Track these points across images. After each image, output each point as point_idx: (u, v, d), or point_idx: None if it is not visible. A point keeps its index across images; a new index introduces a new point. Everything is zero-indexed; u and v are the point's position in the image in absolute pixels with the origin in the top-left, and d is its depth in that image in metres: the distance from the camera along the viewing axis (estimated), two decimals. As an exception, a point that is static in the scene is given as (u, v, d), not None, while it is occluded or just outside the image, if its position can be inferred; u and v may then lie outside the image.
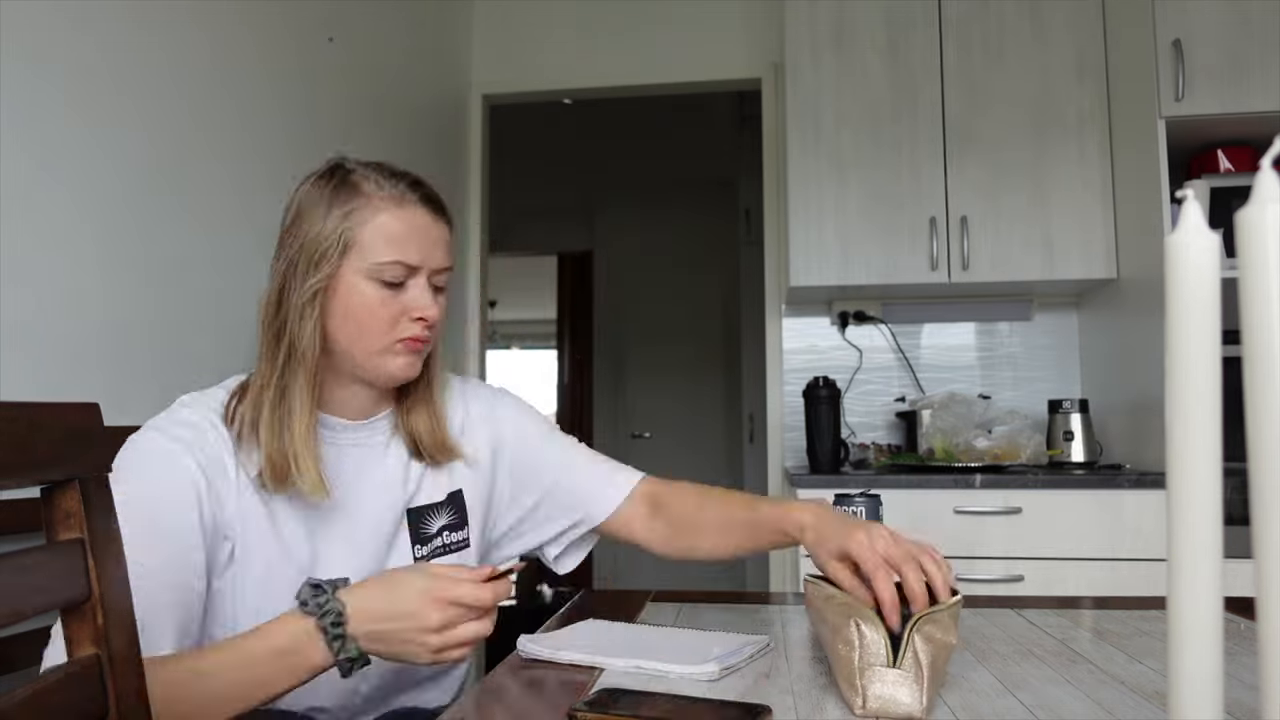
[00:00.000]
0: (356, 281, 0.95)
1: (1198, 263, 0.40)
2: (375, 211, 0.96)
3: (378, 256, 0.95)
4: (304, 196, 0.99)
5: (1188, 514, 0.40)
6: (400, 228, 0.96)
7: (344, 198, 0.96)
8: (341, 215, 0.95)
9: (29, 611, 0.60)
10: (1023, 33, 2.56)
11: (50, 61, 1.31)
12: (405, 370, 0.99)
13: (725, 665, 0.83)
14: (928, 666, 0.71)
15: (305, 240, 0.95)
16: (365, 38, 2.39)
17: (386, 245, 0.95)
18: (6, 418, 0.60)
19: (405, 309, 0.97)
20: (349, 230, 0.95)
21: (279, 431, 0.92)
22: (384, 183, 0.98)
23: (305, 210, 0.98)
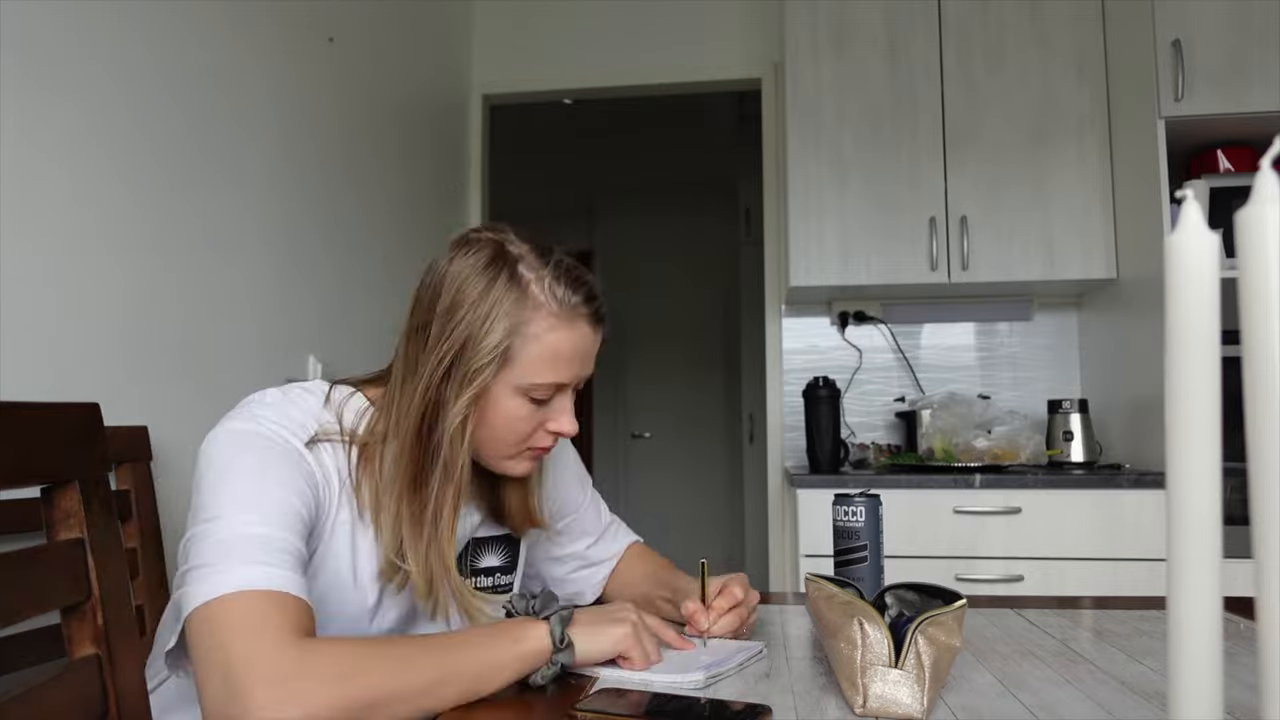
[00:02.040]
0: (505, 395, 0.89)
1: (1198, 263, 0.40)
2: (545, 329, 0.88)
3: (535, 377, 0.89)
4: (464, 283, 0.88)
5: (1188, 514, 0.40)
6: (566, 349, 0.89)
7: (511, 302, 0.87)
8: (507, 327, 0.86)
9: (29, 611, 0.60)
10: (1023, 33, 2.56)
11: (51, 61, 1.31)
12: (524, 473, 0.97)
13: (712, 674, 0.82)
14: (929, 668, 0.71)
15: (464, 343, 0.87)
16: (365, 38, 2.39)
17: (547, 366, 0.89)
18: (6, 418, 0.60)
19: (544, 421, 0.93)
20: (513, 345, 0.87)
21: (430, 551, 0.88)
22: (558, 291, 0.88)
23: (464, 303, 0.87)
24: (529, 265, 0.89)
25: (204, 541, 0.75)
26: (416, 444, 0.88)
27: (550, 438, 0.94)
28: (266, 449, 0.82)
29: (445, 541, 0.89)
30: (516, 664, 0.78)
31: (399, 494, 0.88)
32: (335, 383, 0.95)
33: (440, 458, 0.88)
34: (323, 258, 2.13)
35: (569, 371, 0.91)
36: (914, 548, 2.19)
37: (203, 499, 0.79)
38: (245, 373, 1.78)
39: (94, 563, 0.64)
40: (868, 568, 1.06)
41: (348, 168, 2.27)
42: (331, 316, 2.15)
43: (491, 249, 0.89)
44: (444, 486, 0.88)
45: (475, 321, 0.86)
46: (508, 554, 1.07)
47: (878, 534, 1.07)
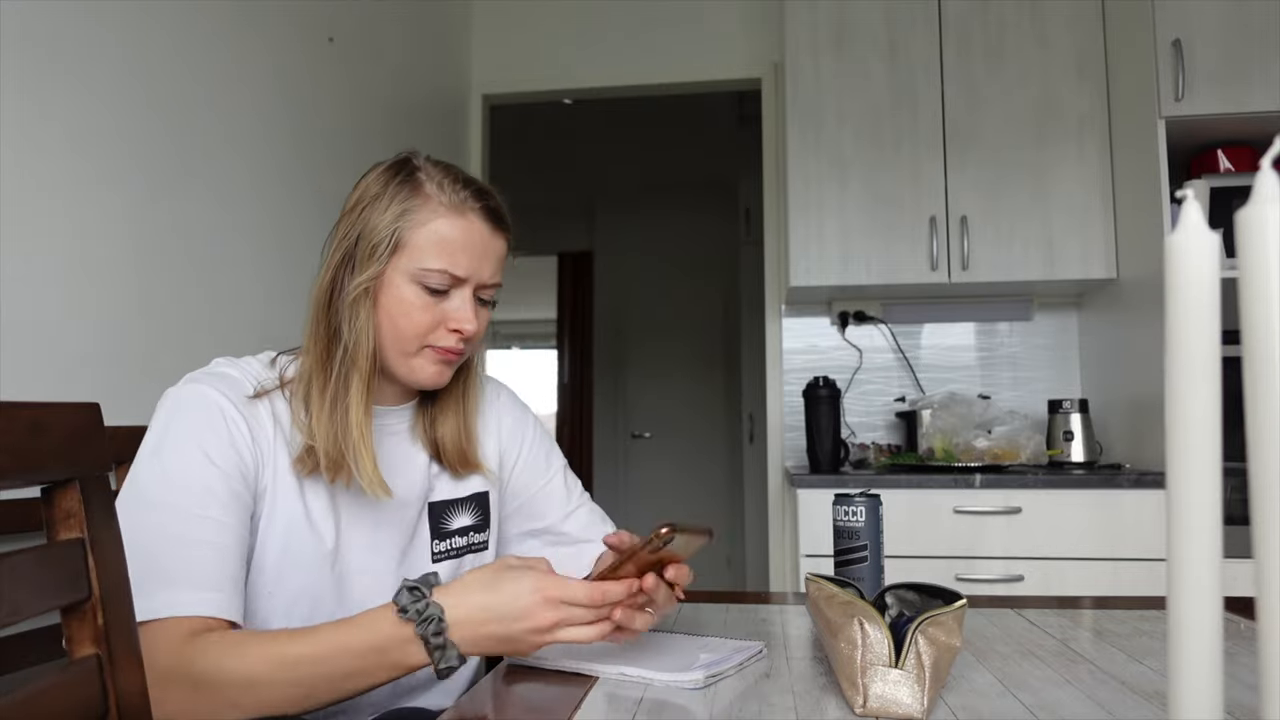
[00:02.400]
0: (400, 282, 0.94)
1: (1198, 263, 0.40)
2: (432, 215, 0.94)
3: (425, 262, 0.93)
4: (367, 185, 0.97)
5: (1188, 514, 0.40)
6: (454, 236, 0.94)
7: (404, 195, 0.94)
8: (398, 213, 0.93)
9: (29, 611, 0.60)
10: (1023, 33, 2.56)
11: (52, 61, 1.31)
12: (434, 379, 0.98)
13: (711, 673, 0.82)
14: (930, 668, 0.71)
15: (361, 231, 0.94)
16: (365, 38, 2.39)
17: (436, 252, 0.93)
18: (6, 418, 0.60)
19: (444, 318, 0.96)
20: (402, 229, 0.93)
21: (335, 425, 0.92)
22: (447, 186, 0.95)
23: (366, 200, 0.96)
24: (426, 171, 0.97)
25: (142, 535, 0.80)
26: (321, 326, 0.94)
27: (452, 337, 0.96)
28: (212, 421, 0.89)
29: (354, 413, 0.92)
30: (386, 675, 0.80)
31: (308, 374, 0.94)
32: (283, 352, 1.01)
33: (342, 335, 0.93)
34: (323, 257, 2.12)
35: (461, 262, 0.94)
36: (914, 548, 2.19)
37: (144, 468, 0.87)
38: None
39: (94, 563, 0.64)
40: (868, 568, 1.06)
41: (348, 167, 2.26)
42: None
43: (397, 159, 0.99)
44: (348, 362, 0.93)
45: (372, 213, 0.94)
46: (478, 512, 1.08)
47: (878, 534, 1.08)
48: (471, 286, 0.96)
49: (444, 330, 0.96)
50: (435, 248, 0.93)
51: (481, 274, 0.96)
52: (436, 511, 1.04)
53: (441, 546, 1.04)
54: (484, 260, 0.97)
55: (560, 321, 5.90)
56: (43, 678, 0.60)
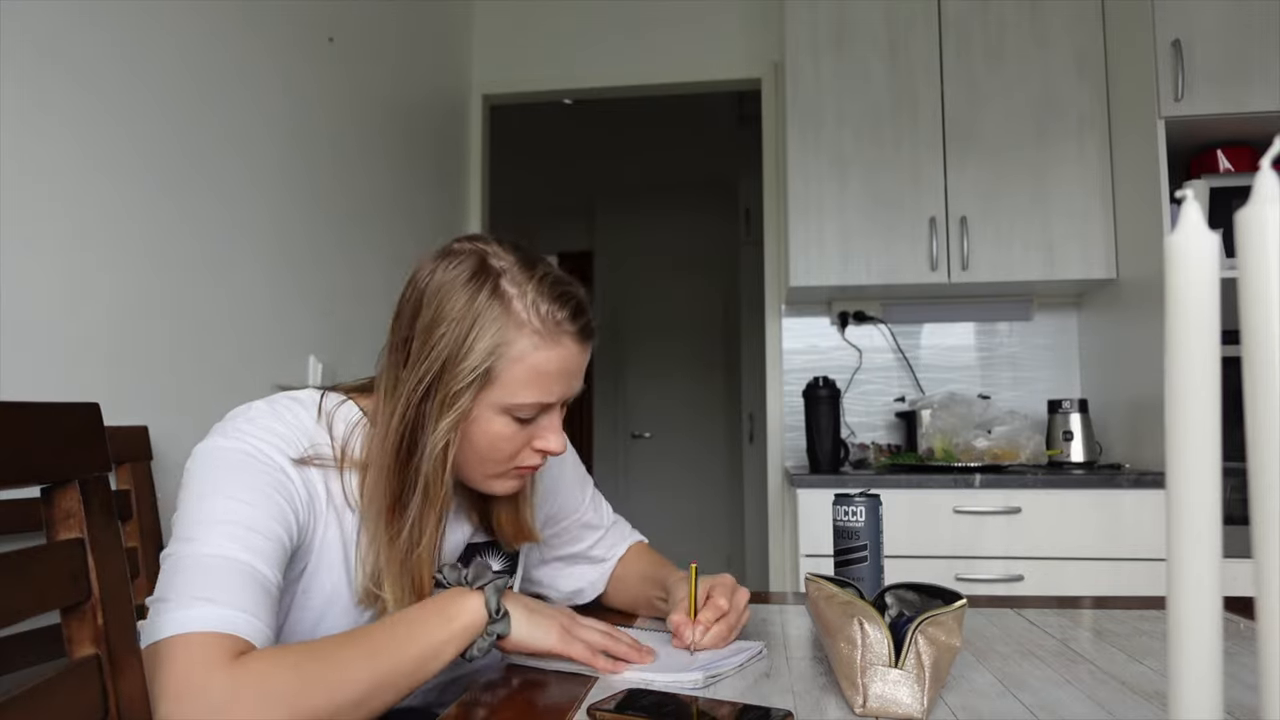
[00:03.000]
0: (489, 416, 0.86)
1: (1198, 263, 0.40)
2: (528, 348, 0.84)
3: (518, 397, 0.85)
4: (445, 298, 0.84)
5: (1188, 514, 0.40)
6: (551, 369, 0.86)
7: (492, 319, 0.83)
8: (488, 347, 0.83)
9: (29, 611, 0.60)
10: (1023, 33, 2.56)
11: (52, 61, 1.31)
12: (510, 492, 0.94)
13: (711, 673, 0.82)
14: (929, 668, 0.71)
15: (445, 362, 0.84)
16: (365, 38, 2.39)
17: (531, 386, 0.85)
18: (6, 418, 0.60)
19: (531, 440, 0.90)
20: (495, 364, 0.84)
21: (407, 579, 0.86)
22: (542, 308, 0.84)
23: (446, 319, 0.84)
24: (512, 279, 0.85)
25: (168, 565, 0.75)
26: (395, 467, 0.85)
27: (538, 456, 0.91)
28: (248, 468, 0.80)
29: (423, 569, 0.86)
30: (453, 641, 0.79)
31: (376, 518, 0.85)
32: (326, 390, 0.92)
33: (420, 482, 0.85)
34: (323, 258, 2.13)
35: (554, 390, 0.87)
36: (914, 548, 2.19)
37: (179, 517, 0.79)
38: (246, 373, 1.78)
39: (94, 563, 0.64)
40: (868, 568, 1.06)
41: (348, 167, 2.27)
42: (331, 316, 2.15)
43: (474, 261, 0.86)
44: (423, 511, 0.85)
45: (456, 340, 0.83)
46: (507, 558, 1.07)
47: (878, 534, 1.07)
48: (560, 405, 0.91)
49: (529, 451, 0.90)
50: (530, 382, 0.85)
51: (571, 392, 0.90)
52: (471, 552, 1.01)
53: None
54: (574, 380, 0.90)
55: (560, 321, 5.89)
56: (43, 678, 0.60)
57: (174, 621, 0.71)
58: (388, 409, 0.86)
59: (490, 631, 0.80)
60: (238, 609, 0.73)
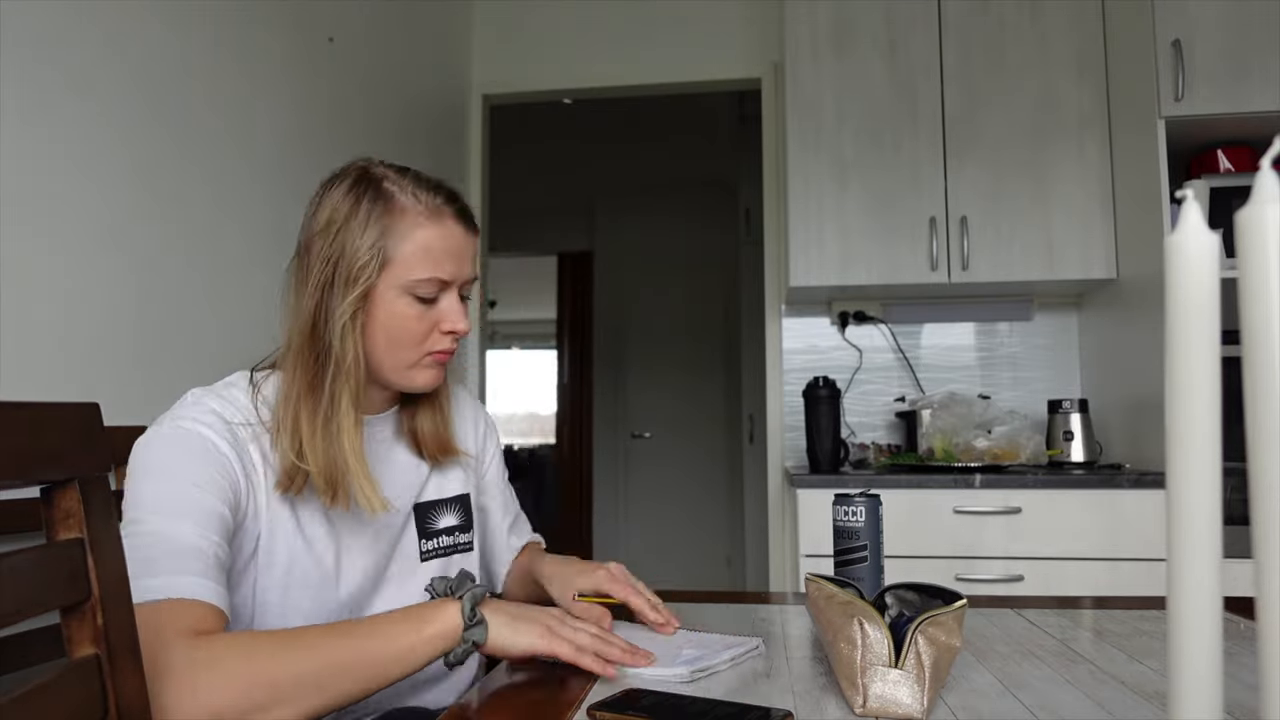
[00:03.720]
0: (392, 297, 0.95)
1: (1198, 263, 0.40)
2: (412, 227, 0.95)
3: (414, 274, 0.94)
4: (335, 205, 0.96)
5: (1188, 514, 0.40)
6: (437, 244, 0.95)
7: (379, 211, 0.94)
8: (378, 231, 0.93)
9: (29, 611, 0.60)
10: (1023, 33, 2.56)
11: (51, 62, 1.31)
12: (432, 382, 1.01)
13: (696, 668, 0.82)
14: (929, 668, 0.71)
15: (341, 254, 0.94)
16: (365, 38, 2.39)
17: (423, 262, 0.95)
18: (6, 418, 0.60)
19: (437, 322, 0.98)
20: (386, 246, 0.93)
21: (329, 448, 0.91)
22: (420, 195, 0.96)
23: (338, 221, 0.95)
24: (392, 181, 0.96)
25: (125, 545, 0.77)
26: (309, 350, 0.93)
27: (447, 339, 0.99)
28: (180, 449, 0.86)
29: (346, 437, 0.92)
30: (426, 647, 0.81)
31: (295, 398, 0.92)
32: (255, 368, 1.00)
33: (333, 355, 0.93)
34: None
35: (446, 267, 0.96)
36: (914, 548, 2.19)
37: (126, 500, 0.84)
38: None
39: (94, 563, 0.64)
40: (868, 568, 1.06)
41: (348, 168, 2.26)
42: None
43: (356, 172, 0.98)
44: (339, 383, 0.93)
45: (351, 232, 0.93)
46: (462, 513, 1.12)
47: (878, 534, 1.07)
48: (456, 287, 0.99)
49: (438, 334, 0.98)
50: (422, 258, 0.95)
51: (464, 273, 0.99)
52: (422, 512, 1.07)
53: (429, 545, 1.07)
54: (464, 260, 0.99)
55: (560, 321, 5.90)
56: (43, 678, 0.60)
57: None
58: (297, 303, 0.96)
59: (465, 638, 0.82)
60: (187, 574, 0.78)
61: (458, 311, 0.99)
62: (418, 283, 0.95)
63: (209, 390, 0.94)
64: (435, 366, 1.00)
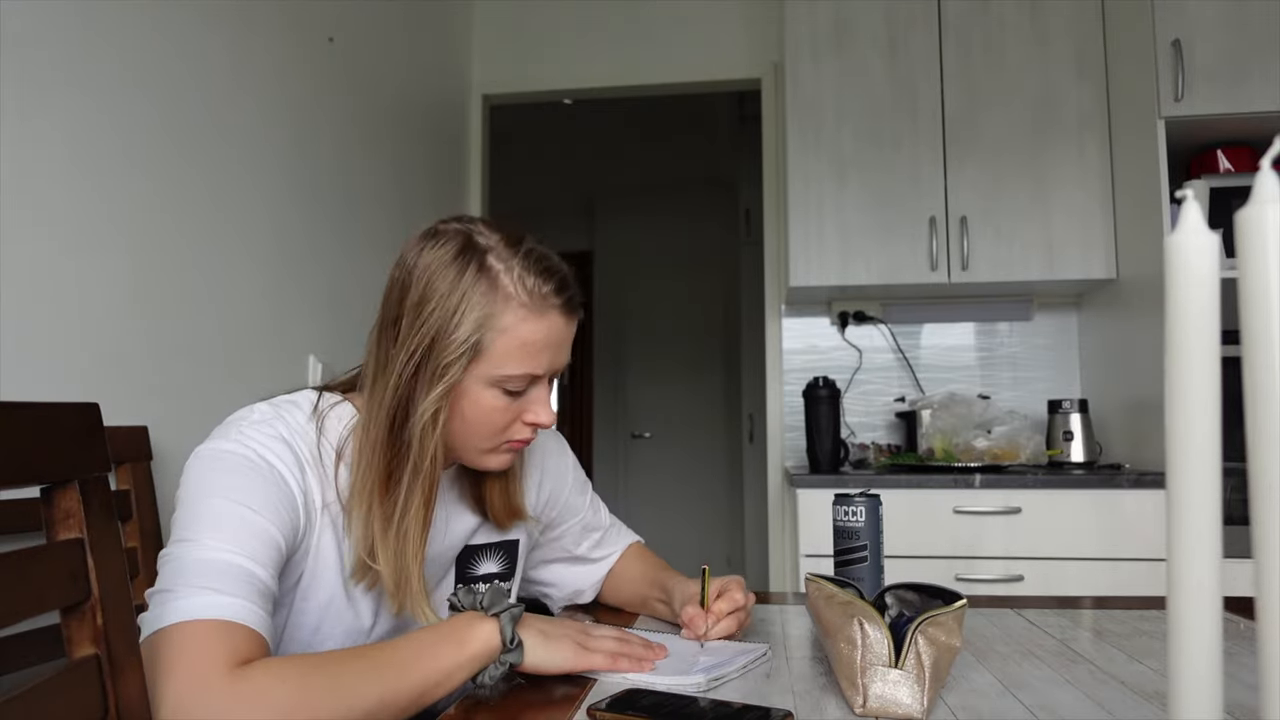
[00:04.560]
0: (479, 390, 0.88)
1: (1198, 263, 0.40)
2: (515, 320, 0.86)
3: (508, 369, 0.87)
4: (431, 278, 0.86)
5: (1188, 514, 0.40)
6: (538, 340, 0.88)
7: (480, 295, 0.85)
8: (477, 319, 0.85)
9: (29, 611, 0.60)
10: (1023, 33, 2.56)
11: (51, 62, 1.31)
12: (503, 467, 0.96)
13: (713, 676, 0.82)
14: (929, 668, 0.71)
15: (434, 337, 0.85)
16: (365, 38, 2.39)
17: (520, 358, 0.87)
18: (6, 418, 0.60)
19: (521, 413, 0.91)
20: (483, 338, 0.86)
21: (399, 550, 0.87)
22: (528, 281, 0.87)
23: (433, 296, 0.86)
24: (498, 256, 0.87)
25: (170, 564, 0.76)
26: (388, 441, 0.87)
27: (528, 430, 0.92)
28: (247, 471, 0.81)
29: (411, 544, 0.87)
30: (464, 667, 0.78)
31: (369, 492, 0.87)
32: (322, 389, 0.94)
33: (411, 454, 0.86)
34: (323, 257, 2.13)
35: (542, 362, 0.89)
36: (914, 548, 2.19)
37: (179, 517, 0.79)
38: (246, 373, 1.78)
39: (94, 563, 0.64)
40: (868, 568, 1.06)
41: (347, 167, 2.27)
42: (331, 316, 2.15)
43: (460, 240, 0.88)
44: (414, 482, 0.87)
45: (445, 315, 0.85)
46: (505, 560, 1.07)
47: (878, 534, 1.08)
48: (548, 378, 0.92)
49: (520, 424, 0.92)
50: (519, 354, 0.87)
51: (559, 364, 0.92)
52: (465, 556, 1.02)
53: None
54: (562, 352, 0.92)
55: (560, 321, 5.89)
56: (43, 678, 0.60)
57: (177, 610, 0.71)
58: (380, 385, 0.88)
59: (503, 660, 0.79)
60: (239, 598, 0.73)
61: (545, 403, 0.92)
62: (509, 378, 0.88)
63: (275, 410, 0.88)
64: (510, 454, 0.94)
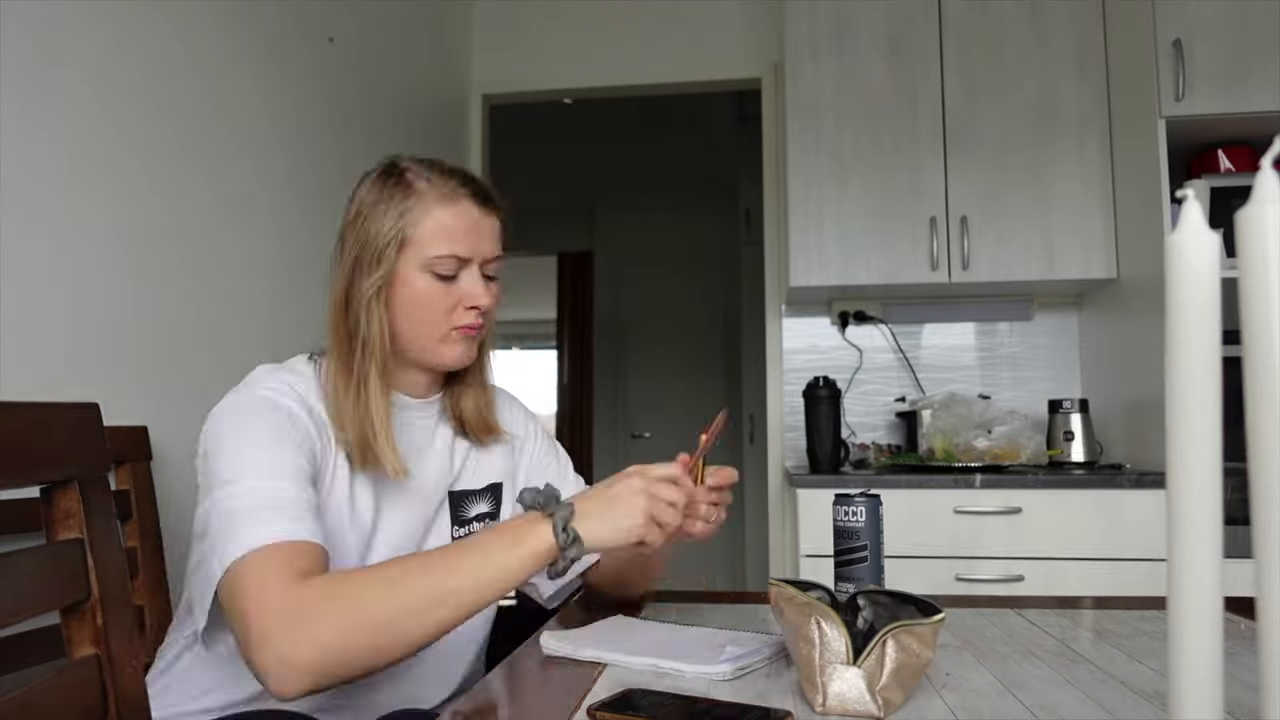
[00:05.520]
0: (413, 275, 1.01)
1: (1198, 263, 0.40)
2: (428, 208, 1.02)
3: (431, 251, 1.01)
4: (364, 195, 1.05)
5: (1188, 514, 0.40)
6: (451, 222, 1.02)
7: (399, 196, 1.02)
8: (398, 213, 1.01)
9: (29, 611, 0.60)
10: (1023, 33, 2.56)
11: (52, 61, 1.31)
12: (462, 357, 1.06)
13: (739, 665, 0.83)
14: (890, 673, 0.71)
15: (366, 238, 1.02)
16: (365, 38, 2.39)
17: (439, 239, 1.01)
18: (6, 418, 0.60)
19: (460, 299, 1.03)
20: (404, 227, 1.01)
21: (360, 417, 0.99)
22: (436, 179, 1.04)
23: (365, 209, 1.04)
24: (414, 171, 1.05)
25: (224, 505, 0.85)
26: (340, 330, 1.02)
27: (471, 314, 1.04)
28: (267, 412, 0.94)
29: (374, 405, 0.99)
30: (520, 565, 0.84)
31: (333, 374, 1.01)
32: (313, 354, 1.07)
33: (359, 334, 1.00)
34: (322, 257, 2.12)
35: (462, 245, 1.02)
36: (914, 548, 2.19)
37: (215, 466, 0.89)
38: (245, 373, 1.78)
39: (94, 563, 0.64)
40: (868, 568, 1.06)
41: (347, 167, 2.26)
42: (331, 316, 2.15)
43: (384, 165, 1.07)
44: (366, 358, 1.00)
45: (374, 219, 1.02)
46: (492, 502, 1.16)
47: (878, 534, 1.07)
48: (477, 264, 1.04)
49: (461, 309, 1.03)
50: (437, 236, 1.01)
51: (483, 250, 1.04)
52: (456, 499, 1.12)
53: (460, 532, 1.11)
54: (482, 238, 1.04)
55: (560, 322, 5.89)
56: (43, 678, 0.60)
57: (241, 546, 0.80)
58: (331, 285, 1.04)
59: (565, 556, 0.85)
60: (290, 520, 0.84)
61: (478, 286, 1.04)
62: (436, 259, 1.01)
63: (278, 366, 1.03)
64: (463, 341, 1.05)
